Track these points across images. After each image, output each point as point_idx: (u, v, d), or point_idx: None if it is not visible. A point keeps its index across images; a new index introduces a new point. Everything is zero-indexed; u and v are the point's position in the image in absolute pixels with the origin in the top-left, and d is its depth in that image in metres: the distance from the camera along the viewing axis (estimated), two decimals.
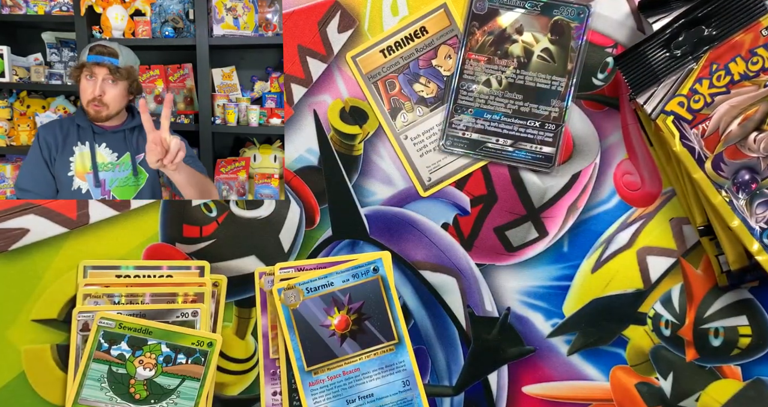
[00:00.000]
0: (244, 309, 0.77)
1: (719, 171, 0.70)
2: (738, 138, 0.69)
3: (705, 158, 0.70)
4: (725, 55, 0.69)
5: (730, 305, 0.75)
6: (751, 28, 0.68)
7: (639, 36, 0.76)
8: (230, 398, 0.77)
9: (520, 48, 0.75)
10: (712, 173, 0.70)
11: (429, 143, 0.77)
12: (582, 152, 0.77)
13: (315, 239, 0.78)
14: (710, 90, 0.69)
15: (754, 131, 0.69)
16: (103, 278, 0.76)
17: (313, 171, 0.78)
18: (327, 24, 0.77)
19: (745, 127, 0.69)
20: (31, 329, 0.76)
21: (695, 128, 0.70)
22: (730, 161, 0.69)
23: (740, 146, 0.69)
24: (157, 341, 0.73)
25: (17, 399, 0.76)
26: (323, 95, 0.78)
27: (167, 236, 0.77)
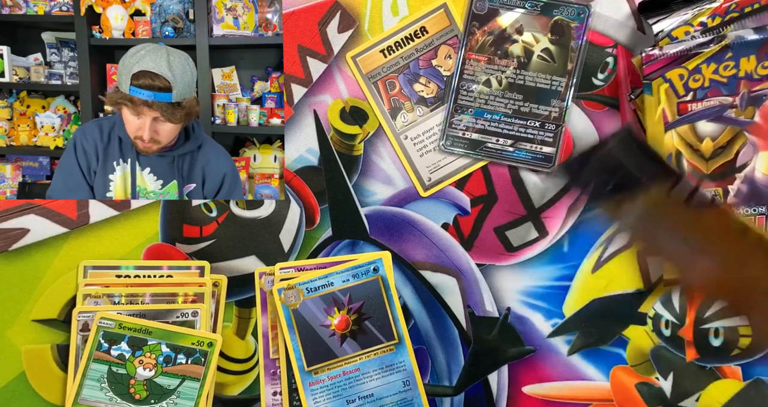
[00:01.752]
0: (244, 309, 0.77)
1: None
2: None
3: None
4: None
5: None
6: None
7: (639, 36, 0.76)
8: (230, 398, 0.77)
9: (520, 48, 0.75)
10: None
11: (429, 143, 0.77)
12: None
13: (315, 239, 0.78)
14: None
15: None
16: (103, 279, 0.76)
17: (313, 171, 0.78)
18: (327, 24, 0.77)
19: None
20: (31, 329, 0.76)
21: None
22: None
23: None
24: (157, 341, 0.73)
25: (17, 399, 0.76)
26: (323, 95, 0.78)
27: (167, 236, 0.77)
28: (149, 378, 0.73)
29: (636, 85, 0.75)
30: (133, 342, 0.73)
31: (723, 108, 0.70)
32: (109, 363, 0.73)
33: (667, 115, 0.71)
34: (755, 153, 0.70)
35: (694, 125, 0.71)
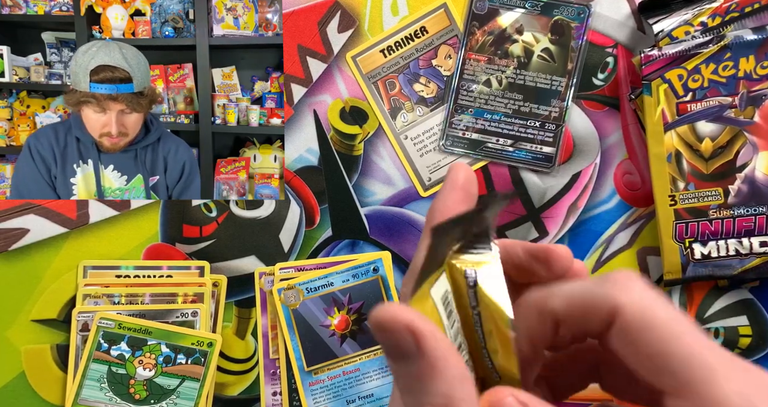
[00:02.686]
0: (244, 309, 0.77)
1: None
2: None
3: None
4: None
5: (730, 305, 0.75)
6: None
7: (639, 36, 0.76)
8: (230, 398, 0.77)
9: (521, 48, 0.75)
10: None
11: (429, 143, 0.77)
12: (582, 152, 0.77)
13: (315, 239, 0.78)
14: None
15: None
16: (103, 279, 0.76)
17: (313, 171, 0.78)
18: (327, 24, 0.77)
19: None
20: (31, 329, 0.76)
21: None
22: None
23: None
24: (157, 341, 0.73)
25: (17, 399, 0.76)
26: (323, 95, 0.78)
27: (167, 236, 0.77)
28: (149, 378, 0.73)
29: (636, 86, 0.75)
30: (133, 342, 0.73)
31: (722, 108, 0.70)
32: (109, 363, 0.73)
33: (667, 115, 0.71)
34: (755, 153, 0.70)
35: (693, 125, 0.71)
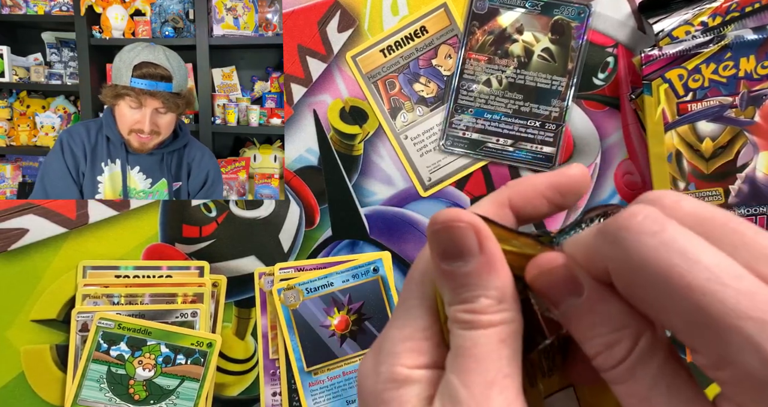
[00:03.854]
0: (244, 309, 0.77)
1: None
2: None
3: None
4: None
5: None
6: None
7: (639, 36, 0.76)
8: (230, 398, 0.77)
9: (521, 48, 0.75)
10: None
11: (429, 143, 0.77)
12: (582, 152, 0.77)
13: (315, 239, 0.77)
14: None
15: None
16: (103, 279, 0.76)
17: (313, 171, 0.78)
18: (327, 24, 0.77)
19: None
20: (31, 329, 0.76)
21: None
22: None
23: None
24: (157, 341, 0.73)
25: (16, 399, 0.76)
26: (323, 95, 0.78)
27: (167, 236, 0.77)
28: (149, 379, 0.73)
29: (637, 85, 0.75)
30: (133, 342, 0.73)
31: (723, 108, 0.69)
32: (109, 363, 0.73)
33: (667, 115, 0.71)
34: (756, 153, 0.70)
35: (694, 125, 0.71)
